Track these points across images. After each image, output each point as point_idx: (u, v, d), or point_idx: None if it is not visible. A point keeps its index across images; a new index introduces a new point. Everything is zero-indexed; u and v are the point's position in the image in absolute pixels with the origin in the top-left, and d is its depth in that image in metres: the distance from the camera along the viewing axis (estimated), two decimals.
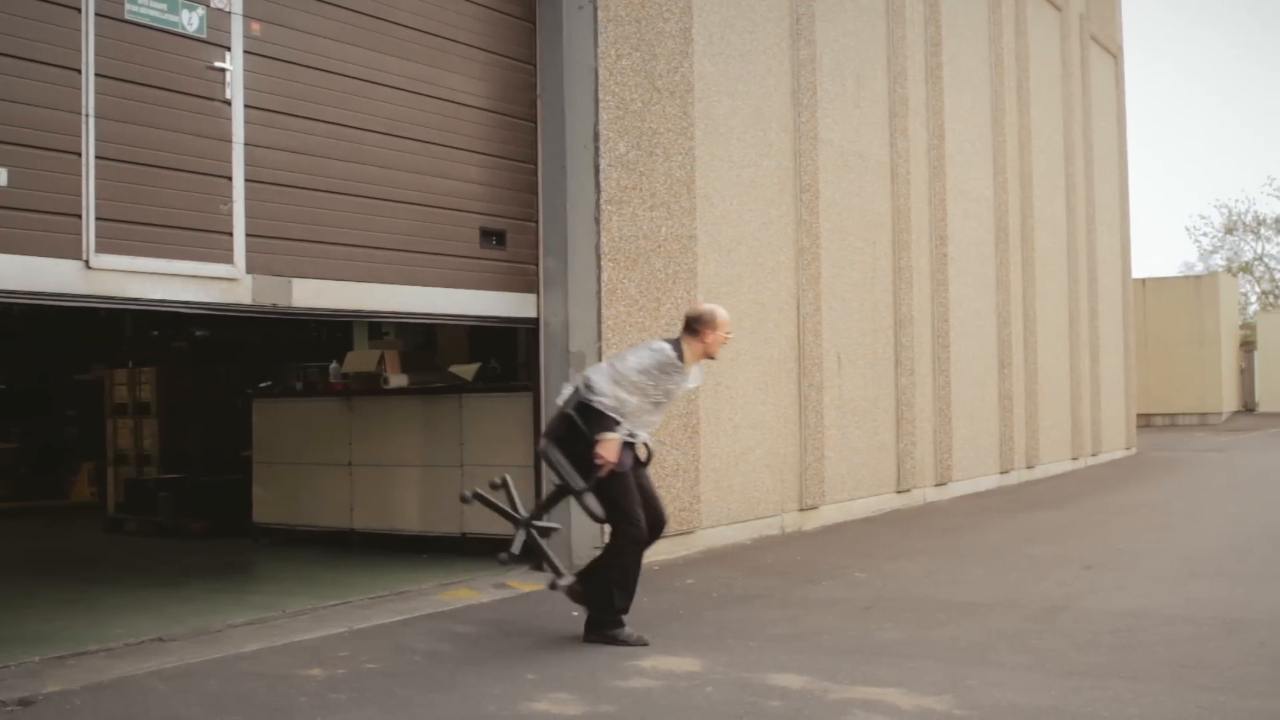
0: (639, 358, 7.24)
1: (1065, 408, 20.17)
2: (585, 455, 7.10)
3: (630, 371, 7.16)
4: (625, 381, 7.14)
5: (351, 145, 8.59)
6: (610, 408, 7.07)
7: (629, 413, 7.16)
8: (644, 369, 7.18)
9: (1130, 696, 5.92)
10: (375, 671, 6.66)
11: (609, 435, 7.06)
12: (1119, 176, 23.81)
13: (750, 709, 5.80)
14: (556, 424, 7.29)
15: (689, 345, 7.38)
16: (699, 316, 7.45)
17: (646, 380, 7.19)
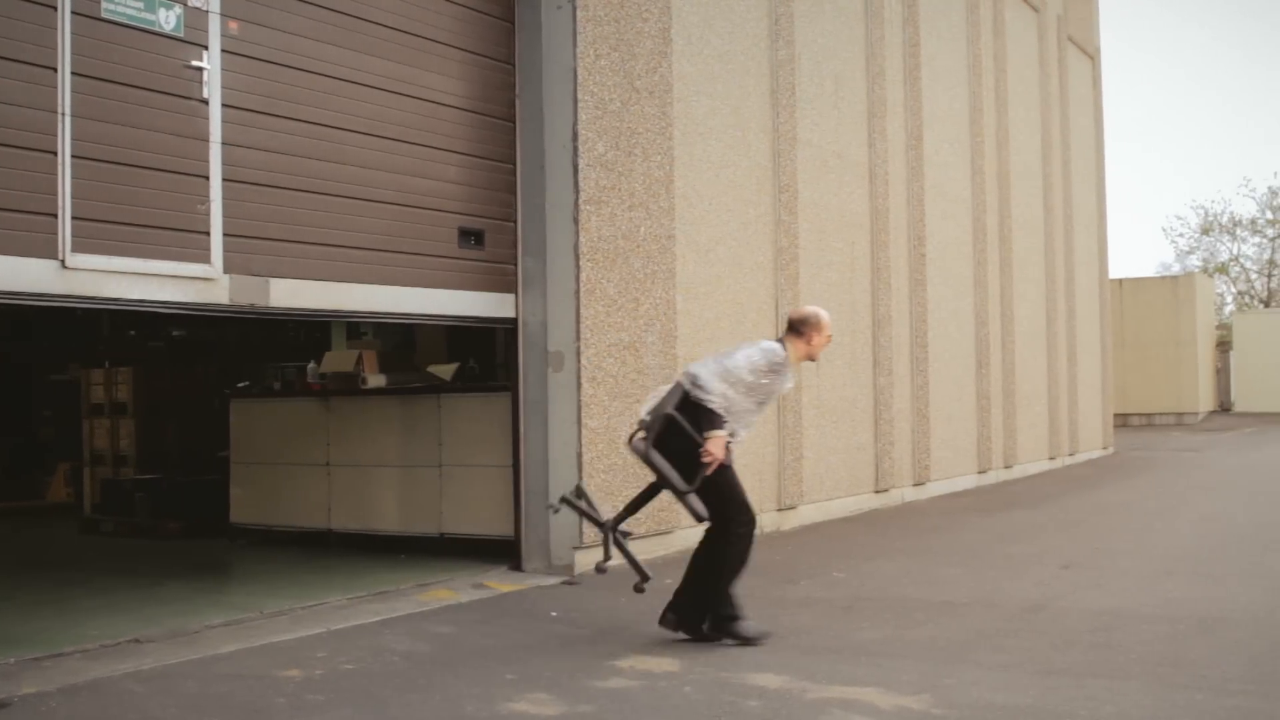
0: (750, 356, 7.23)
1: (1043, 407, 20.23)
2: (688, 454, 7.05)
3: (741, 370, 7.16)
4: (735, 380, 7.15)
5: (330, 145, 8.57)
6: (720, 406, 7.06)
7: (735, 411, 7.17)
8: (755, 368, 7.19)
9: (1107, 696, 5.94)
10: (353, 672, 6.64)
11: (718, 433, 7.04)
12: (1096, 177, 23.90)
13: (729, 708, 5.80)
14: (658, 425, 7.15)
15: (793, 346, 7.41)
16: (805, 319, 7.48)
17: (756, 379, 7.20)
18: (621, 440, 10.12)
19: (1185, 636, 7.28)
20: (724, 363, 7.21)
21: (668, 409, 7.14)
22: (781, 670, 6.51)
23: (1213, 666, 6.50)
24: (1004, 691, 6.06)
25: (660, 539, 10.66)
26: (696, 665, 6.66)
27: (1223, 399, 37.61)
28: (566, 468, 9.83)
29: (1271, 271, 54.98)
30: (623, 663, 6.75)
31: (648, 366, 10.53)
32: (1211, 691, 6.00)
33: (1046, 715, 5.63)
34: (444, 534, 10.88)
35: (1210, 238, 55.38)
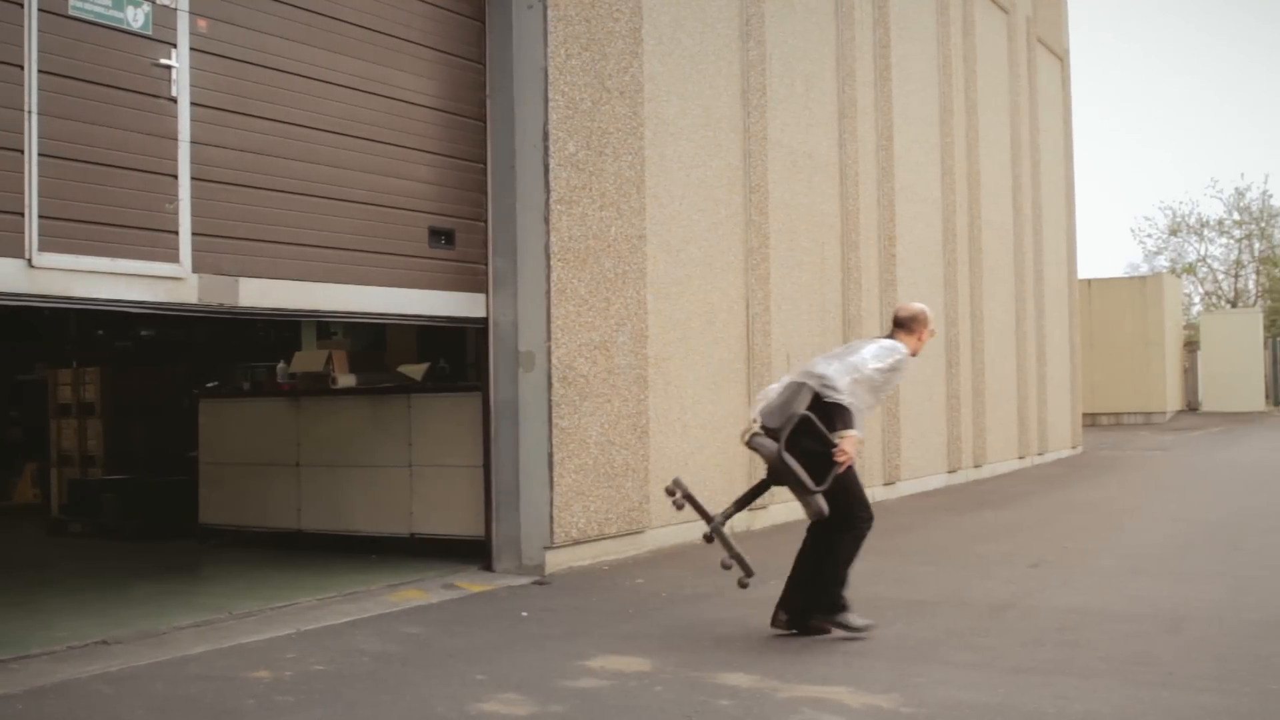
0: (876, 355, 7.32)
1: (1012, 407, 20.32)
2: (815, 454, 7.05)
3: (869, 369, 7.23)
4: (864, 378, 7.22)
5: (300, 144, 8.53)
6: (853, 405, 7.08)
7: (860, 408, 7.21)
8: (883, 366, 7.29)
9: (1075, 693, 5.97)
10: (323, 673, 6.62)
11: (853, 433, 7.05)
12: (1065, 178, 24.02)
13: (699, 708, 5.81)
14: (791, 425, 7.09)
15: (905, 343, 7.51)
16: (914, 316, 7.64)
17: (882, 377, 7.32)
18: (593, 440, 10.13)
19: (1153, 634, 7.32)
20: (849, 360, 7.27)
21: (799, 409, 7.11)
22: (752, 669, 6.52)
23: (1180, 664, 6.55)
24: (973, 690, 6.09)
25: (631, 539, 10.67)
26: (668, 665, 6.67)
27: (1190, 399, 37.85)
28: (537, 467, 9.82)
29: (1238, 272, 55.39)
30: (594, 663, 6.75)
31: (618, 366, 10.53)
32: (1179, 689, 6.04)
33: (1016, 713, 5.66)
34: (414, 534, 10.86)
35: (1178, 238, 55.77)
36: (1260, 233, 54.67)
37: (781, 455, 7.07)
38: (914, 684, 6.19)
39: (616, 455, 10.48)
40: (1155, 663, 6.60)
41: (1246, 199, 54.49)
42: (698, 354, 11.81)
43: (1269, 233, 54.78)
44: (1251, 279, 55.16)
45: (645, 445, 10.87)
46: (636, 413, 10.74)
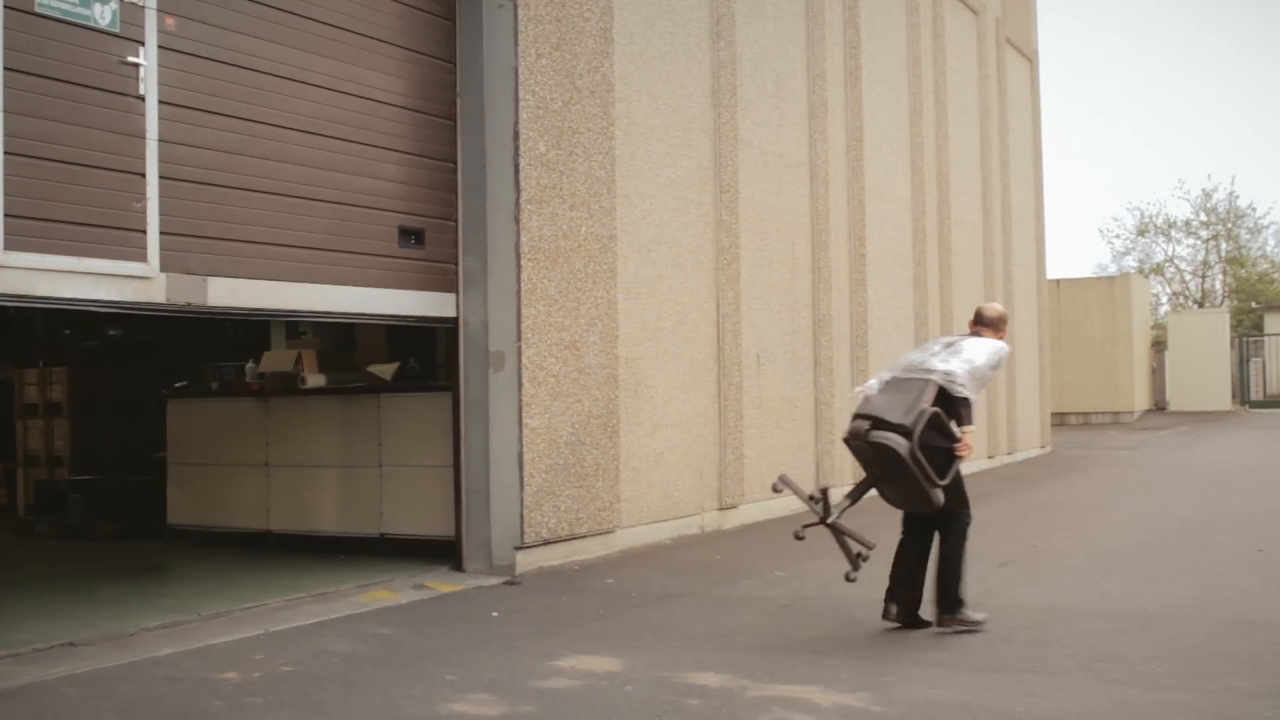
0: (988, 354, 7.57)
1: (981, 407, 20.35)
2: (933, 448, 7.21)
3: (985, 367, 7.52)
4: (980, 376, 7.50)
5: (268, 142, 8.50)
6: (974, 402, 7.39)
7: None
8: (994, 364, 7.60)
9: (1044, 691, 6.00)
10: (292, 674, 6.59)
11: (972, 428, 7.38)
12: (1034, 178, 24.12)
13: (670, 708, 5.81)
14: (923, 421, 7.17)
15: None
16: (1001, 316, 8.04)
17: (991, 374, 7.66)
18: (564, 439, 10.12)
19: (1121, 633, 7.36)
20: (964, 358, 7.45)
21: (927, 405, 7.21)
22: (722, 669, 6.53)
23: (1148, 662, 6.59)
24: (943, 688, 6.11)
25: (601, 538, 10.66)
26: (638, 665, 6.66)
27: (1158, 398, 38.06)
28: (507, 467, 9.81)
29: (1205, 273, 55.75)
30: (564, 663, 6.74)
31: (589, 366, 10.52)
32: (1146, 687, 6.07)
33: (985, 712, 5.68)
34: (384, 535, 10.83)
35: (1146, 239, 56.08)
36: (1227, 233, 55.05)
37: (915, 452, 7.13)
38: (883, 683, 6.21)
39: (587, 455, 10.47)
40: (1124, 661, 6.64)
41: (1213, 200, 54.87)
42: (668, 353, 11.82)
43: (1235, 234, 55.16)
44: (1218, 279, 55.54)
45: (616, 445, 10.86)
46: (607, 412, 10.74)
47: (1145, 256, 55.83)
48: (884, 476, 7.44)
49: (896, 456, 7.16)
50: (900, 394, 7.34)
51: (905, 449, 7.13)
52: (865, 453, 7.41)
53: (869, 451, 7.34)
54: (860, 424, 7.34)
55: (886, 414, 7.25)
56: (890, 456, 7.19)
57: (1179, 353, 37.27)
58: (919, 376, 7.39)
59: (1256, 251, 56.58)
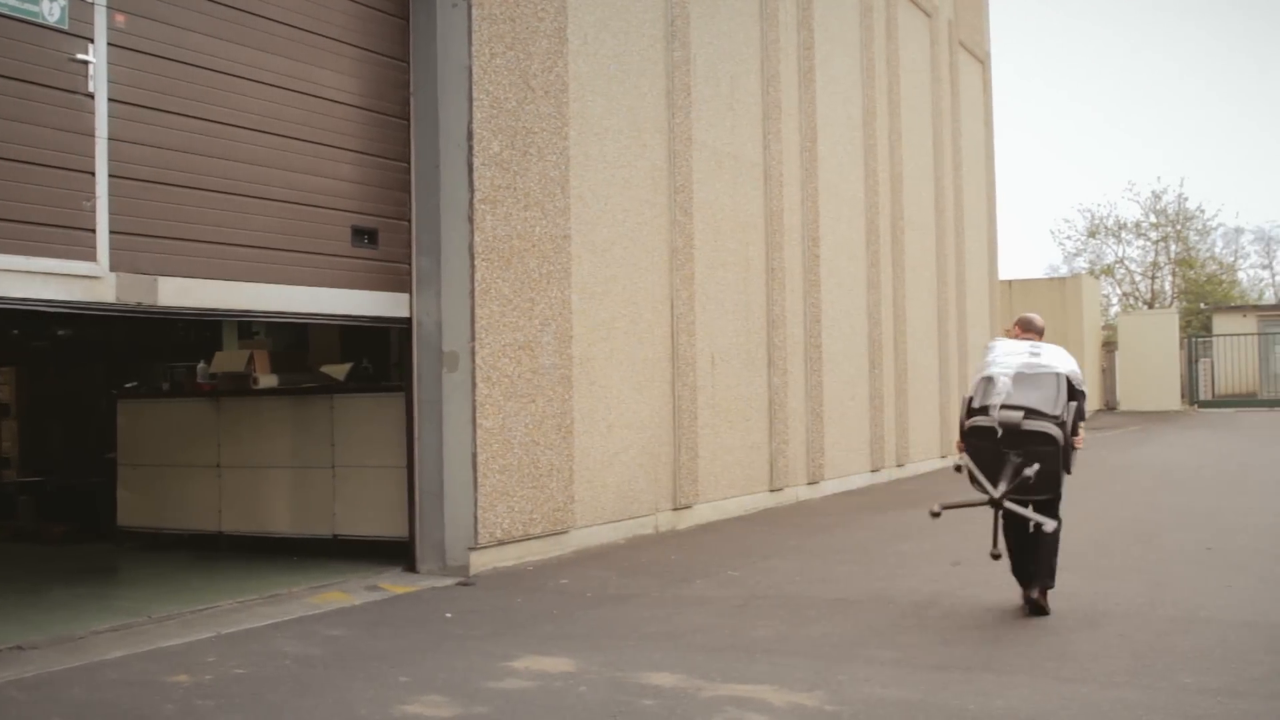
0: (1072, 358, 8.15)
1: (934, 406, 20.51)
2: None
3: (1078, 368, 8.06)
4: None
5: (220, 141, 8.44)
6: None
7: None
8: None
9: (995, 689, 6.04)
10: (244, 677, 6.55)
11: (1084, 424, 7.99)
12: (986, 180, 24.28)
13: (624, 708, 5.81)
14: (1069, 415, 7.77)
15: None
16: (1043, 324, 8.89)
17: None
18: (518, 440, 10.10)
19: (1071, 630, 7.42)
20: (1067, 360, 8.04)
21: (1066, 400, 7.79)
22: (677, 669, 6.53)
23: (1097, 660, 6.64)
24: (896, 687, 6.14)
25: (556, 539, 10.65)
26: (592, 665, 6.66)
27: (1108, 398, 38.39)
28: (461, 468, 9.78)
29: (1155, 274, 56.28)
30: (518, 663, 6.73)
31: (543, 366, 10.51)
32: (1096, 684, 6.13)
33: (937, 710, 5.71)
34: (337, 536, 10.78)
35: (1096, 240, 56.56)
36: (1176, 235, 55.59)
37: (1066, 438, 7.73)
38: (837, 682, 6.23)
39: (541, 455, 10.46)
40: (1074, 658, 6.69)
41: (1163, 202, 55.39)
42: (622, 354, 11.82)
43: (1184, 235, 55.72)
44: (1168, 280, 56.08)
45: (570, 445, 10.86)
46: (561, 413, 10.73)
47: (1096, 258, 56.33)
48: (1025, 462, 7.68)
49: (1051, 444, 7.66)
50: (1037, 389, 7.81)
51: (1061, 437, 7.70)
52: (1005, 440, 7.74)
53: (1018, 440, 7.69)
54: (1013, 414, 7.71)
55: (1041, 406, 7.75)
56: (1043, 442, 7.66)
57: (1129, 353, 37.62)
58: (1044, 371, 7.89)
59: (1205, 253, 57.20)
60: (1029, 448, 7.66)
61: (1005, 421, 7.72)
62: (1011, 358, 8.07)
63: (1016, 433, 7.69)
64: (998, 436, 7.75)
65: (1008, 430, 7.70)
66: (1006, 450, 7.76)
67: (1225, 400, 38.70)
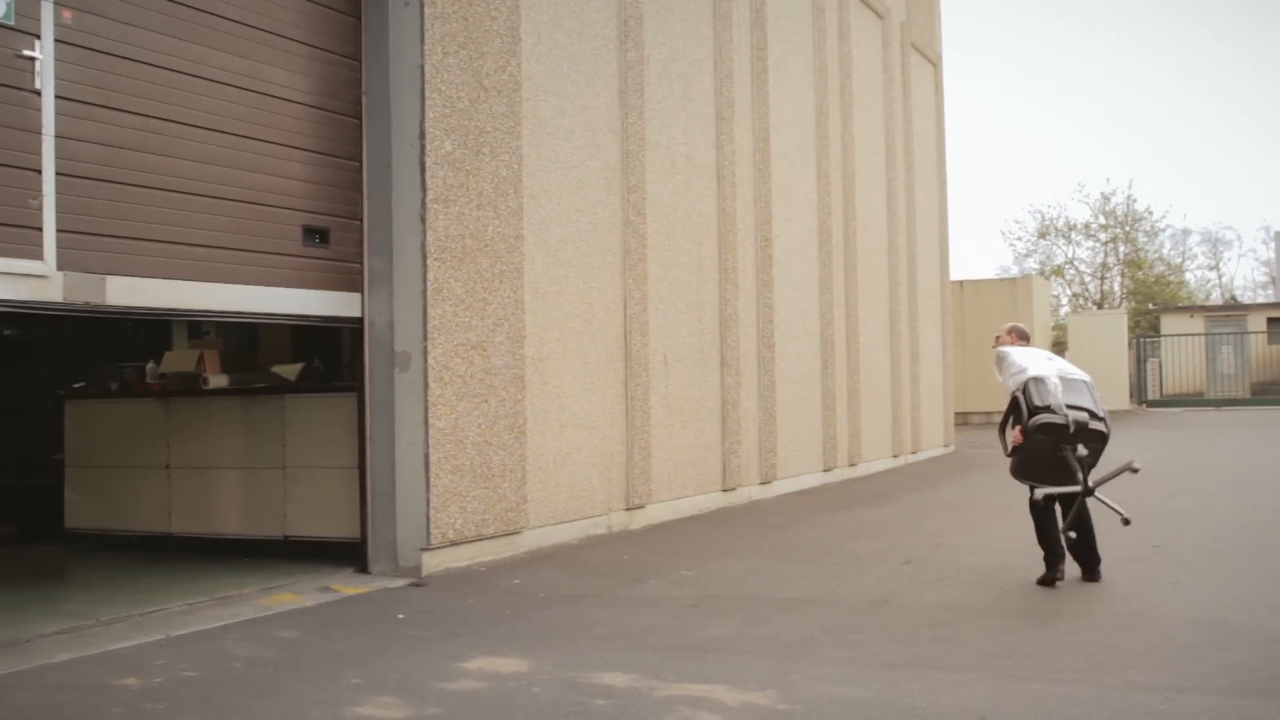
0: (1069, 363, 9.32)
1: (886, 406, 20.61)
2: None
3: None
4: None
5: (169, 139, 8.37)
6: None
7: None
8: None
9: (946, 687, 6.07)
10: (193, 680, 6.50)
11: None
12: (938, 181, 24.42)
13: (576, 708, 5.80)
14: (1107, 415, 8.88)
15: None
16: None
17: None
18: (470, 440, 10.08)
19: (1021, 628, 7.48)
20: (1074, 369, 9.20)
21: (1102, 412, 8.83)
22: (629, 669, 6.53)
23: (1048, 657, 6.69)
24: (848, 685, 6.16)
25: (508, 539, 10.63)
26: (545, 665, 6.65)
27: None
28: (413, 468, 9.75)
29: (1104, 274, 56.81)
30: (470, 664, 6.71)
31: (495, 366, 10.48)
32: (1046, 681, 6.17)
33: (889, 708, 5.73)
34: (288, 537, 10.72)
35: (1047, 241, 57.06)
36: (1125, 236, 56.16)
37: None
38: (790, 681, 6.25)
39: (494, 456, 10.44)
40: (1024, 656, 6.74)
41: (1112, 203, 55.95)
42: (575, 354, 11.81)
43: (1133, 237, 56.31)
44: (1117, 281, 56.63)
45: (522, 445, 10.83)
46: (514, 413, 10.71)
47: (1046, 258, 56.83)
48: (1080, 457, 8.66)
49: (1104, 440, 8.84)
50: (1082, 394, 8.86)
51: (1107, 432, 8.82)
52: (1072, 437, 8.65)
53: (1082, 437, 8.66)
54: (1082, 414, 8.70)
55: (1094, 408, 8.80)
56: (1099, 440, 8.79)
57: (1079, 353, 37.90)
58: (1079, 379, 9.04)
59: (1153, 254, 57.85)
60: (1090, 444, 8.69)
61: (1078, 420, 8.65)
62: (1046, 364, 9.14)
63: (1084, 431, 8.66)
64: (1069, 432, 8.63)
65: (1079, 428, 8.64)
66: (1066, 445, 8.65)
67: (1173, 400, 39.12)
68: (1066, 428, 8.60)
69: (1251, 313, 43.50)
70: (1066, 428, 8.60)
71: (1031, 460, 8.88)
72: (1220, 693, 5.92)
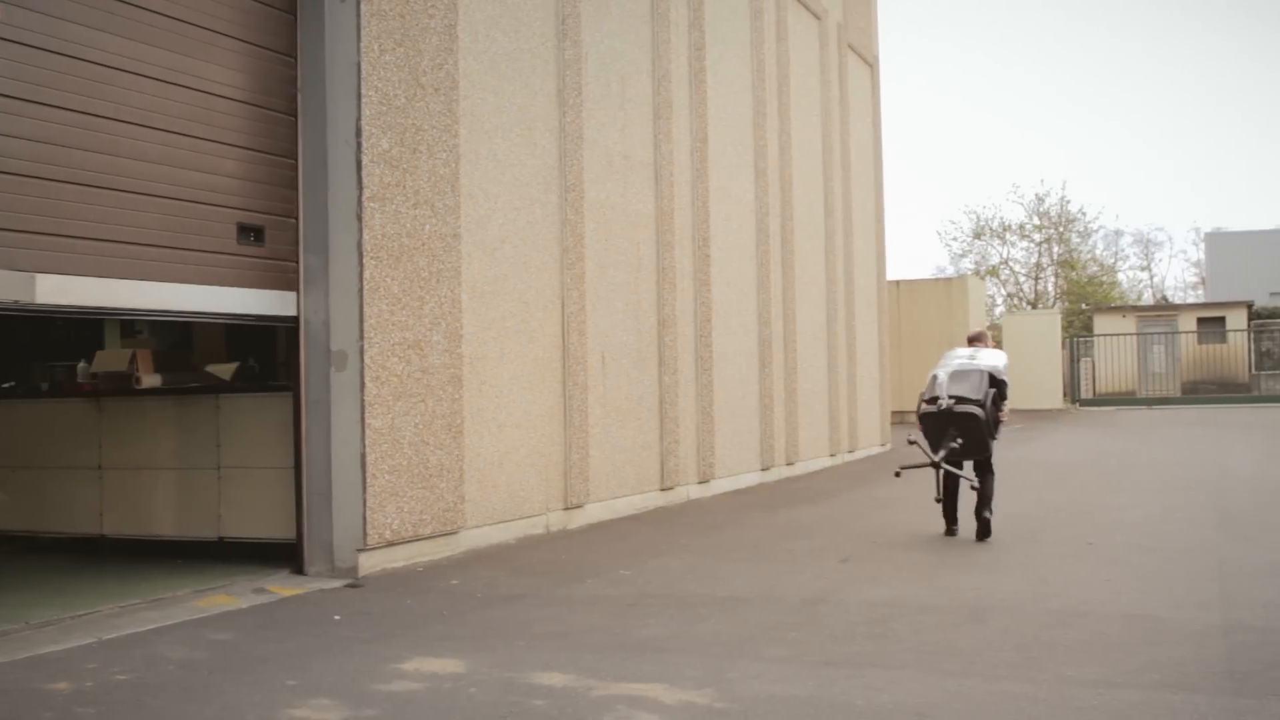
0: (1004, 357, 11.66)
1: (823, 406, 20.71)
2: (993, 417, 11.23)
3: (1006, 367, 11.54)
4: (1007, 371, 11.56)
5: (101, 135, 8.26)
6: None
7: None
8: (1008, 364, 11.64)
9: (883, 684, 6.11)
10: (126, 683, 6.42)
11: (1009, 403, 11.58)
12: (875, 181, 24.58)
13: (514, 708, 5.78)
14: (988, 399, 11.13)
15: None
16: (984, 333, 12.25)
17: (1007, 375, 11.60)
18: (407, 440, 10.03)
19: (956, 625, 7.53)
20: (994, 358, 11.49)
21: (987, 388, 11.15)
22: (567, 668, 6.52)
23: (983, 654, 6.75)
24: (785, 683, 6.18)
25: (446, 539, 10.59)
26: (482, 666, 6.63)
27: None
28: (349, 468, 9.69)
29: (1038, 275, 57.40)
30: (408, 665, 6.67)
31: (433, 365, 10.43)
32: (981, 678, 6.22)
33: (826, 705, 5.76)
34: (223, 538, 10.61)
35: (982, 242, 57.62)
36: (1059, 237, 56.80)
37: (985, 416, 11.04)
38: (727, 679, 6.26)
39: (431, 455, 10.39)
40: (959, 653, 6.79)
41: (1046, 204, 56.62)
42: (513, 353, 11.78)
43: (1067, 237, 56.96)
44: (1051, 281, 57.25)
45: (460, 445, 10.79)
46: (451, 412, 10.66)
47: (981, 259, 57.38)
48: (959, 435, 11.00)
49: (975, 420, 10.99)
50: (966, 381, 11.16)
51: (981, 415, 11.02)
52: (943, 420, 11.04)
53: (952, 419, 10.99)
54: (949, 401, 11.00)
55: (967, 393, 11.06)
56: (969, 420, 11.00)
57: (1013, 352, 38.15)
58: (973, 369, 11.27)
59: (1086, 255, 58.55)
60: (961, 424, 10.99)
61: (942, 405, 11.04)
62: (955, 360, 11.52)
63: (951, 414, 11.00)
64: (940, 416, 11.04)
65: (948, 411, 11.00)
66: (946, 426, 11.04)
67: (1105, 399, 39.60)
68: (939, 414, 11.09)
69: (1182, 313, 44.15)
70: (939, 414, 11.09)
71: (925, 436, 11.33)
72: (1151, 687, 5.99)
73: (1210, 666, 6.39)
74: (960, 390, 11.03)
